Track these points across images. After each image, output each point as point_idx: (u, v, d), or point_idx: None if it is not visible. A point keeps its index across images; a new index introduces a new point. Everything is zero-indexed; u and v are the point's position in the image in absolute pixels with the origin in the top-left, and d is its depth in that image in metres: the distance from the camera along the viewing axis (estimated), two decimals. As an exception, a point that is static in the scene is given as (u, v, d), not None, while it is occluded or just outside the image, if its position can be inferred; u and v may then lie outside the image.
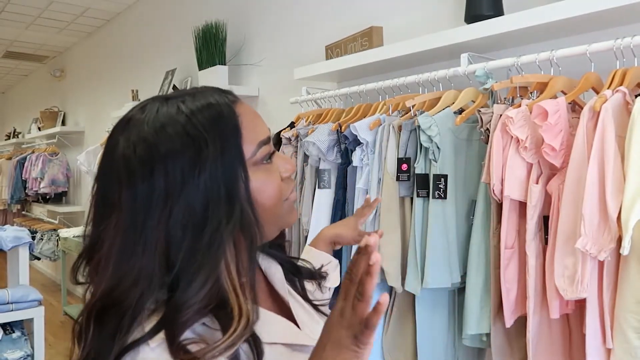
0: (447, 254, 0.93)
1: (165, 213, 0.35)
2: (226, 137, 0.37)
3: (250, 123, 0.40)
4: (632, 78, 0.76)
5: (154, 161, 0.36)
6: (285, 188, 0.43)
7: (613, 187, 0.69)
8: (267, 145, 0.41)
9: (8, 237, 1.66)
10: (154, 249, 0.35)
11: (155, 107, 0.39)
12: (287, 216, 0.44)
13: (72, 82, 3.84)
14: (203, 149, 0.36)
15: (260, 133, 0.40)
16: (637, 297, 0.69)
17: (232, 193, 0.37)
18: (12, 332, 1.60)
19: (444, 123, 0.94)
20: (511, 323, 0.83)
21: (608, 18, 0.84)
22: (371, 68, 1.26)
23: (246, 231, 0.37)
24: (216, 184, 0.36)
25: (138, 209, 0.36)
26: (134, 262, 0.35)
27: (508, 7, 1.02)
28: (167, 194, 0.36)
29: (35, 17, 3.05)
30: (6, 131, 5.08)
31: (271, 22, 1.81)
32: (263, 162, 0.41)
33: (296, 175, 1.25)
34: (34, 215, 3.85)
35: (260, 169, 0.40)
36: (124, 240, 0.36)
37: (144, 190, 0.36)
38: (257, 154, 0.39)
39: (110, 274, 0.35)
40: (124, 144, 0.38)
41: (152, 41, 2.68)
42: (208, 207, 0.36)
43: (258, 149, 0.39)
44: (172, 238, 0.35)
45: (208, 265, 0.35)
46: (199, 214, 0.36)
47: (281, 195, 0.42)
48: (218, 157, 0.36)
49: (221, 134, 0.37)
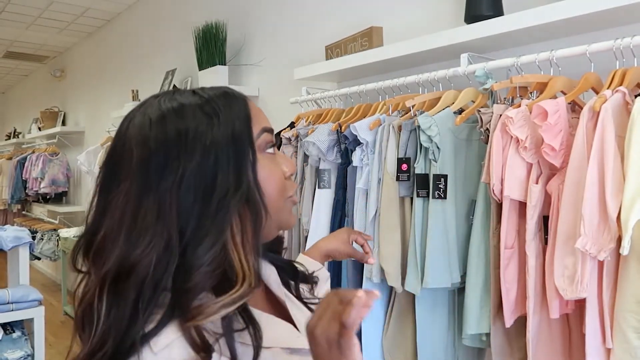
0: (447, 254, 0.93)
1: (177, 178, 0.37)
2: (237, 116, 0.40)
3: (257, 112, 0.43)
4: (632, 78, 0.76)
5: (169, 131, 0.38)
6: (288, 186, 0.44)
7: (613, 187, 0.69)
8: (269, 133, 0.43)
9: (8, 237, 1.66)
10: (168, 212, 0.36)
11: (171, 93, 0.42)
12: (287, 215, 0.44)
13: (72, 82, 3.84)
14: (215, 124, 0.39)
15: (262, 121, 0.43)
16: (637, 297, 0.69)
17: (240, 166, 0.39)
18: (12, 332, 1.60)
19: (443, 123, 0.94)
20: (511, 323, 0.83)
21: (608, 18, 0.84)
22: (371, 68, 1.26)
23: (252, 206, 0.38)
24: (226, 156, 0.38)
25: (150, 178, 0.37)
26: (148, 225, 0.36)
27: (508, 7, 1.02)
28: (179, 162, 0.37)
29: (36, 17, 3.05)
30: (6, 131, 5.08)
31: (271, 22, 1.81)
32: (266, 150, 0.43)
33: (296, 175, 1.25)
34: (34, 215, 3.85)
35: (264, 156, 0.42)
36: (137, 206, 0.36)
37: (158, 156, 0.37)
38: (260, 138, 0.41)
39: (124, 240, 0.36)
40: (139, 121, 0.40)
41: (152, 41, 2.68)
42: (217, 176, 0.37)
43: (261, 133, 0.42)
44: (183, 202, 0.36)
45: (215, 230, 0.36)
46: (209, 182, 0.37)
47: (284, 190, 0.43)
48: (229, 134, 0.39)
49: (233, 114, 0.40)
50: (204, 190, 0.37)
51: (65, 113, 3.81)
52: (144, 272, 0.35)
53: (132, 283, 0.35)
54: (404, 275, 0.98)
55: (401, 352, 1.02)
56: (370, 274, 1.03)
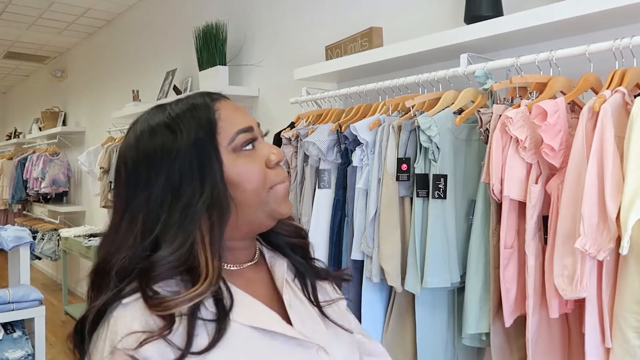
0: (446, 254, 0.93)
1: (146, 194, 0.43)
2: (200, 127, 0.44)
3: (229, 114, 0.45)
4: (631, 78, 0.76)
5: (140, 152, 0.44)
6: (272, 175, 0.46)
7: (612, 187, 0.69)
8: (247, 133, 0.45)
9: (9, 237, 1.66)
10: (138, 224, 0.43)
11: (152, 112, 0.47)
12: (275, 205, 0.46)
13: (73, 82, 3.85)
14: (178, 138, 0.43)
15: (238, 123, 0.45)
16: (636, 297, 0.69)
17: (204, 173, 0.43)
18: (13, 332, 1.61)
19: (443, 123, 0.94)
20: (510, 322, 0.83)
21: (607, 19, 0.85)
22: (371, 68, 1.27)
23: (216, 209, 0.43)
24: (189, 166, 0.43)
25: (128, 194, 0.44)
26: (122, 236, 0.43)
27: (507, 7, 1.02)
28: (149, 179, 0.43)
29: (37, 17, 3.06)
30: (7, 131, 5.09)
31: (271, 22, 1.81)
32: (243, 148, 0.45)
33: (296, 175, 1.25)
34: (35, 215, 3.86)
35: (241, 155, 0.45)
36: (116, 219, 0.44)
37: (133, 175, 0.44)
38: (235, 140, 0.44)
39: (102, 246, 0.44)
40: (125, 143, 0.46)
41: (153, 42, 2.68)
42: (182, 186, 0.43)
43: (236, 135, 0.44)
44: (152, 213, 0.43)
45: (181, 235, 0.42)
46: (175, 193, 0.43)
47: (264, 182, 0.46)
48: (191, 144, 0.43)
49: (196, 125, 0.44)
50: (170, 201, 0.42)
51: (65, 113, 3.81)
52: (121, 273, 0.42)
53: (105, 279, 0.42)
54: (404, 275, 0.98)
55: (401, 351, 1.03)
56: (370, 273, 1.03)
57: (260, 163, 0.45)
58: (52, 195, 3.52)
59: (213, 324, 0.41)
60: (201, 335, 0.40)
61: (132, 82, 2.84)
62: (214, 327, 0.41)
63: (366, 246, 1.04)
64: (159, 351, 0.38)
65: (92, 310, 0.40)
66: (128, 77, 2.93)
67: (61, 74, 3.93)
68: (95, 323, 0.40)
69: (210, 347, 0.39)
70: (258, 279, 0.49)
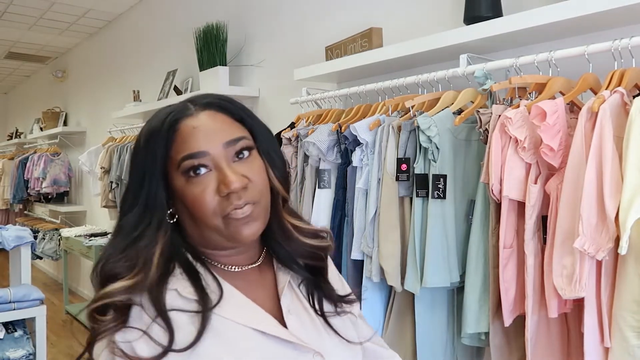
0: (446, 254, 0.93)
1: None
2: (153, 141, 0.46)
3: (185, 137, 0.46)
4: (630, 79, 0.77)
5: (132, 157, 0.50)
6: (224, 204, 0.45)
7: (611, 187, 0.69)
8: (193, 159, 0.45)
9: (10, 237, 1.67)
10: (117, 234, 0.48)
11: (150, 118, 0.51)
12: (231, 230, 0.45)
13: (74, 82, 3.85)
14: (139, 148, 0.48)
15: (188, 147, 0.45)
16: (635, 296, 0.69)
17: (144, 180, 0.46)
18: (14, 331, 1.61)
19: (443, 123, 0.95)
20: (510, 322, 0.83)
21: (606, 19, 0.85)
22: (371, 69, 1.27)
23: (150, 211, 0.46)
24: (139, 171, 0.47)
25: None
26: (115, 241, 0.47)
27: (507, 8, 1.02)
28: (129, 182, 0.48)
29: (38, 18, 3.06)
30: (8, 131, 5.10)
31: (271, 23, 1.81)
32: (190, 174, 0.45)
33: (296, 176, 1.26)
34: (36, 215, 3.87)
35: (189, 181, 0.45)
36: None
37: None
38: (180, 166, 0.45)
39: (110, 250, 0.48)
40: None
41: (154, 42, 2.69)
42: (131, 185, 0.47)
43: (181, 162, 0.45)
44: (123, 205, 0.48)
45: (141, 255, 0.44)
46: (131, 192, 0.47)
47: (212, 211, 0.45)
48: (144, 154, 0.47)
49: (150, 140, 0.47)
50: (130, 200, 0.46)
51: (66, 113, 3.82)
52: None
53: None
54: (404, 274, 0.99)
55: (401, 350, 1.03)
56: (370, 273, 1.04)
57: (209, 191, 0.44)
58: (53, 195, 3.53)
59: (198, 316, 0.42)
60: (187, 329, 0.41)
61: (132, 82, 2.85)
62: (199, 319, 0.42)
63: (366, 246, 1.04)
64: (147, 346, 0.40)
65: None
66: (129, 78, 2.94)
67: (62, 75, 3.94)
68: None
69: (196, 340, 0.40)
70: (260, 282, 0.50)
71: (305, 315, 0.49)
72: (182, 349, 0.40)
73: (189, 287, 0.44)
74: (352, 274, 1.10)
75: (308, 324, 0.48)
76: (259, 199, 0.46)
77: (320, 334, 0.48)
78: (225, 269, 0.48)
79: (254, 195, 0.45)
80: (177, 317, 0.42)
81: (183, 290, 0.44)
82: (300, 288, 0.51)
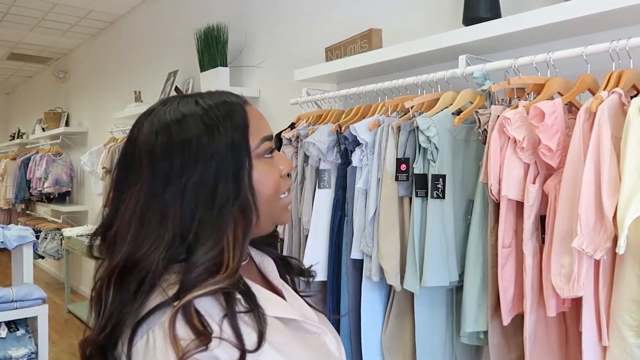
0: (445, 253, 0.94)
1: (180, 188, 0.41)
2: (236, 128, 0.43)
3: (257, 121, 0.46)
4: (628, 80, 0.77)
5: (173, 143, 0.42)
6: (283, 184, 0.48)
7: (609, 187, 0.70)
8: (269, 141, 0.47)
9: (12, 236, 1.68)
10: (171, 218, 0.40)
11: (177, 101, 0.45)
12: (280, 213, 0.48)
13: (75, 83, 3.87)
14: (216, 137, 0.42)
15: (264, 130, 0.47)
16: (633, 296, 0.69)
17: (238, 176, 0.42)
18: (16, 330, 1.62)
19: (442, 124, 0.95)
20: (508, 321, 0.84)
21: (604, 20, 0.85)
22: (370, 70, 1.27)
23: (246, 212, 0.42)
24: (225, 167, 0.42)
25: (157, 184, 0.41)
26: (152, 230, 0.40)
27: (505, 9, 1.03)
28: (183, 172, 0.41)
29: (40, 19, 3.08)
30: (10, 132, 5.12)
31: (272, 24, 1.82)
32: (265, 155, 0.46)
33: (296, 176, 1.26)
34: (38, 215, 3.88)
35: (262, 161, 0.46)
36: (144, 209, 0.41)
37: (163, 167, 0.41)
38: (260, 147, 0.45)
39: (130, 240, 0.40)
40: (147, 129, 0.44)
41: (155, 43, 2.70)
42: (218, 186, 0.41)
43: (261, 143, 0.45)
44: (186, 209, 0.41)
45: (216, 234, 0.40)
46: (210, 191, 0.41)
47: (278, 189, 0.47)
48: (229, 145, 0.42)
49: (232, 125, 0.43)
50: (205, 199, 0.41)
51: (68, 114, 3.83)
52: (146, 269, 0.39)
53: (134, 277, 0.39)
54: (403, 274, 0.99)
55: (400, 349, 1.03)
56: (369, 272, 1.04)
57: (277, 171, 0.47)
58: (55, 195, 3.54)
59: (250, 316, 0.40)
60: (248, 332, 0.39)
61: (134, 83, 2.86)
62: (253, 318, 0.40)
63: (366, 245, 1.04)
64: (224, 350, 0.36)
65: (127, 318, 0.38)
66: (130, 78, 2.95)
67: (64, 75, 3.96)
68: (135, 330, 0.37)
69: (261, 340, 0.38)
70: (253, 276, 0.50)
71: (296, 300, 0.50)
72: (254, 350, 0.38)
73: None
74: (351, 274, 1.11)
75: (303, 308, 0.49)
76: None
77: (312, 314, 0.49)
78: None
79: (291, 184, 0.49)
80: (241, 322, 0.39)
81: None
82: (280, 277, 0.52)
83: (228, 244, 0.41)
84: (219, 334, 0.37)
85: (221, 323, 0.38)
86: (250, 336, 0.39)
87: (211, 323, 0.38)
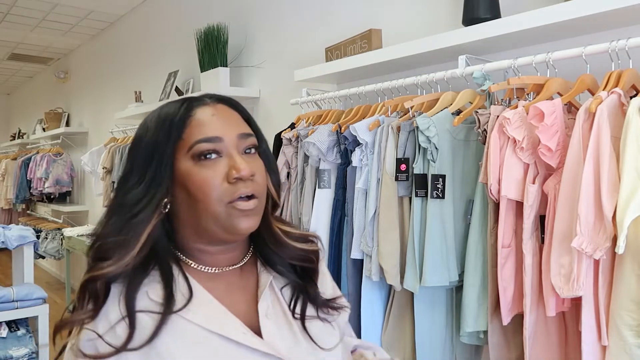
0: (445, 253, 0.94)
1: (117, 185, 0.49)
2: (168, 123, 0.47)
3: (202, 122, 0.47)
4: (627, 80, 0.77)
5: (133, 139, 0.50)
6: (230, 189, 0.45)
7: (608, 187, 0.70)
8: (208, 143, 0.46)
9: (13, 236, 1.68)
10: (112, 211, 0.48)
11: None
12: (231, 221, 0.45)
13: (76, 83, 3.87)
14: (147, 129, 0.48)
15: (204, 132, 0.46)
16: (632, 295, 0.70)
17: (152, 158, 0.46)
18: (17, 330, 1.62)
19: (442, 124, 0.95)
20: (508, 321, 0.84)
21: (603, 21, 0.85)
22: (370, 70, 1.27)
23: (155, 189, 0.46)
24: (148, 149, 0.46)
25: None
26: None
27: (505, 10, 1.03)
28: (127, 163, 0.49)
29: (40, 19, 3.08)
30: (11, 132, 5.12)
31: (272, 24, 1.82)
32: (201, 158, 0.46)
33: (296, 176, 1.26)
34: (39, 215, 3.88)
35: (200, 164, 0.46)
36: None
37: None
38: (193, 149, 0.46)
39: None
40: None
41: (155, 43, 2.70)
42: (131, 172, 0.47)
43: (195, 144, 0.46)
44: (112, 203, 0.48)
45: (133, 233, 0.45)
46: (135, 171, 0.47)
47: (219, 195, 0.45)
48: (154, 134, 0.47)
49: (165, 121, 0.47)
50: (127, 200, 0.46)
51: (69, 114, 3.84)
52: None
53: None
54: (403, 273, 0.99)
55: (400, 349, 1.04)
56: (369, 272, 1.04)
57: (217, 175, 0.45)
58: (55, 195, 3.55)
59: (158, 316, 0.43)
60: (149, 331, 0.42)
61: (134, 83, 2.86)
62: (159, 319, 0.43)
63: (365, 245, 1.05)
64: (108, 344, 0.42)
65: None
66: (130, 79, 2.95)
67: (64, 75, 3.96)
68: None
69: (151, 339, 0.42)
70: (241, 284, 0.49)
71: (283, 319, 0.48)
72: (137, 348, 0.41)
73: (159, 290, 0.44)
74: (351, 273, 1.11)
75: (285, 329, 0.47)
76: (261, 194, 0.47)
77: (297, 339, 0.47)
78: (203, 270, 0.47)
79: (258, 189, 0.47)
80: (142, 319, 0.43)
81: (152, 294, 0.44)
82: (283, 291, 0.50)
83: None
84: (112, 322, 0.43)
85: (124, 316, 0.43)
86: (146, 333, 0.43)
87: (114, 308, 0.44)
